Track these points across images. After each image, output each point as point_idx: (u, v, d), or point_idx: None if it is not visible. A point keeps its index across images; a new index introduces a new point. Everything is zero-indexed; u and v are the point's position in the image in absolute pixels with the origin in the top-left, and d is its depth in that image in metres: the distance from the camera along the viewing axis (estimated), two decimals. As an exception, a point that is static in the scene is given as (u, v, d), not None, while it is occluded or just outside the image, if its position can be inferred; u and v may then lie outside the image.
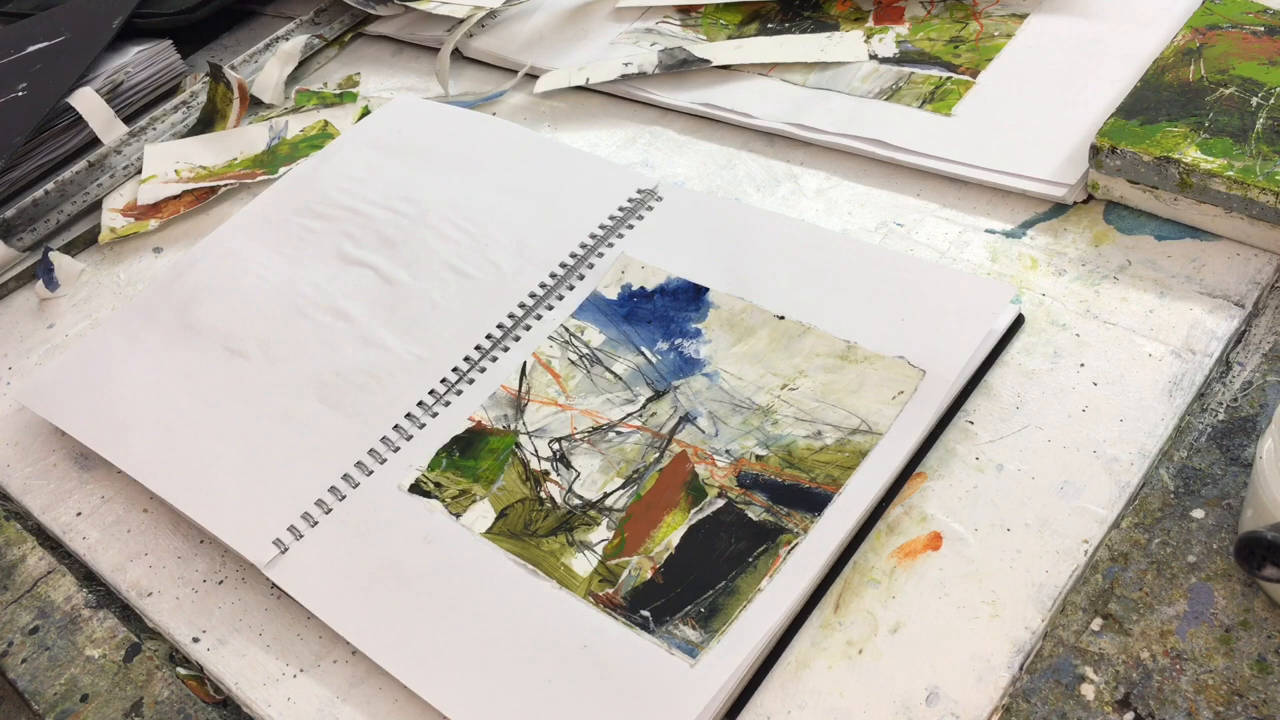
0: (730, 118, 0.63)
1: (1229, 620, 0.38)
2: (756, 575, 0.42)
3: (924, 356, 0.47)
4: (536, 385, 0.51)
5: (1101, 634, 0.39)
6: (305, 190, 0.65)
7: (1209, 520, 0.41)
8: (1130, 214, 0.52)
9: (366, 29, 0.82)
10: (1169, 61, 0.53)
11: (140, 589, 0.49)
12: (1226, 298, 0.47)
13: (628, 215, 0.58)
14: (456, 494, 0.48)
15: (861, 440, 0.45)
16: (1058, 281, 0.50)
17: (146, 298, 0.61)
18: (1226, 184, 0.47)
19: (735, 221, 0.56)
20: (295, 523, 0.48)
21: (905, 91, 0.60)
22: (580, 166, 0.62)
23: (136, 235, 0.69)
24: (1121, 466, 0.43)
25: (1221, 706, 0.36)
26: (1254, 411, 0.44)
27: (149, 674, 0.46)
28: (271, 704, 0.44)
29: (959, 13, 0.64)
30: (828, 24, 0.67)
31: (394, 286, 0.57)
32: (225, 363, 0.56)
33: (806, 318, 0.50)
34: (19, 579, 0.52)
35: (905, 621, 0.41)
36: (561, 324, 0.53)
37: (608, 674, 0.40)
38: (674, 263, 0.54)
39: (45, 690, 0.47)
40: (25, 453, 0.57)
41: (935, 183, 0.56)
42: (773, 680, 0.40)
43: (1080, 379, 0.46)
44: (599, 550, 0.44)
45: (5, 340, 0.65)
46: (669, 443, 0.47)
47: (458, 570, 0.45)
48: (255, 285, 0.60)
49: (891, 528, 0.43)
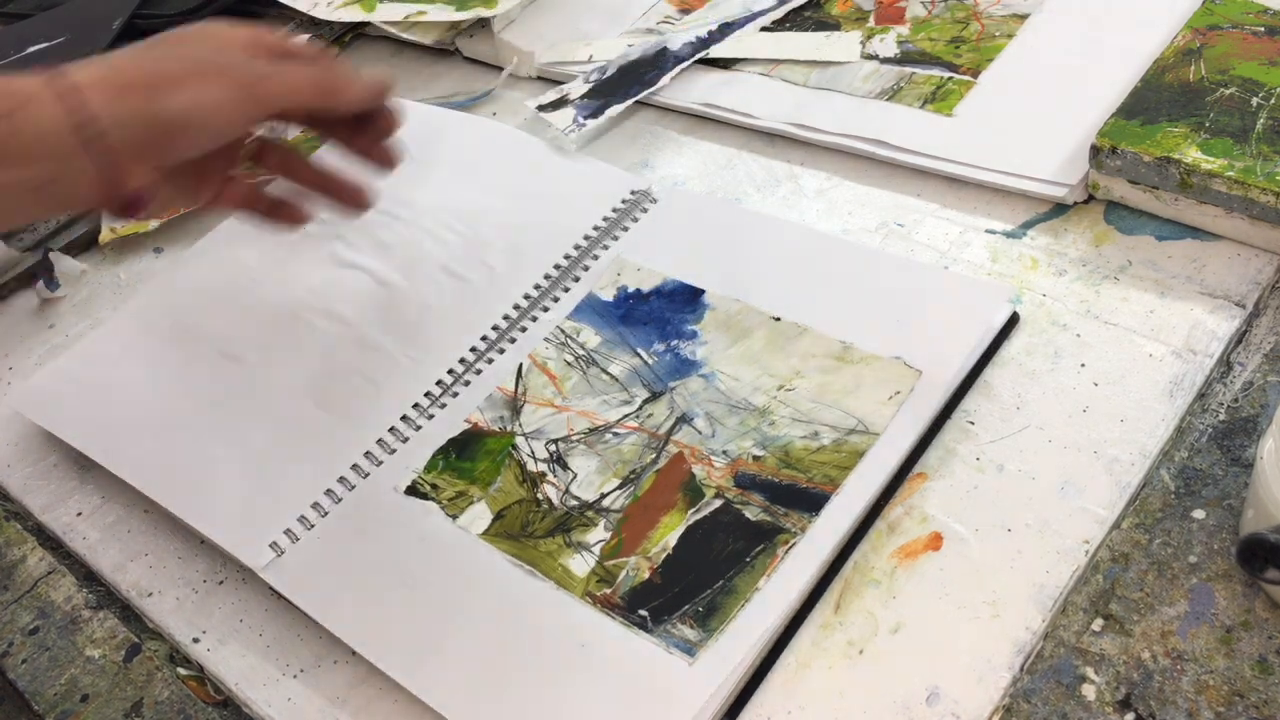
0: (731, 118, 0.63)
1: (1230, 621, 0.38)
2: (754, 575, 0.42)
3: (920, 357, 0.47)
4: (533, 387, 0.51)
5: (1102, 634, 0.39)
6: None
7: (1210, 521, 0.41)
8: (1131, 214, 0.52)
9: (366, 29, 0.82)
10: (1169, 62, 0.53)
11: (140, 589, 0.49)
12: (1227, 298, 0.47)
13: (623, 217, 0.58)
14: (453, 495, 0.48)
15: (858, 440, 0.45)
16: (1058, 282, 0.50)
17: (141, 302, 0.61)
18: (1227, 184, 0.47)
19: (731, 223, 0.56)
20: (292, 526, 0.48)
21: (906, 91, 0.60)
22: (575, 168, 0.62)
23: (137, 235, 0.69)
24: (1122, 467, 0.43)
25: (1222, 707, 0.36)
26: (1255, 412, 0.44)
27: (149, 674, 0.46)
28: (272, 704, 0.44)
29: (960, 13, 0.64)
30: (828, 24, 0.67)
31: (389, 289, 0.57)
32: (220, 366, 0.56)
33: (803, 319, 0.50)
34: (19, 579, 0.52)
35: (906, 622, 0.40)
36: (557, 325, 0.53)
37: (606, 673, 0.40)
38: (670, 264, 0.54)
39: (45, 690, 0.47)
40: (25, 453, 0.57)
41: (936, 183, 0.56)
42: (773, 680, 0.40)
43: (1081, 379, 0.46)
44: (596, 551, 0.44)
45: (6, 341, 0.65)
46: (666, 443, 0.47)
47: (455, 572, 0.45)
48: (250, 289, 0.60)
49: (892, 528, 0.43)
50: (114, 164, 0.41)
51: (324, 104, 0.48)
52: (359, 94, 0.49)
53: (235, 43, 0.46)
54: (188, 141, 0.44)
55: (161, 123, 0.42)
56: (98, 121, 0.41)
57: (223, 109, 0.44)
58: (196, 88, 0.43)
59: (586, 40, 0.71)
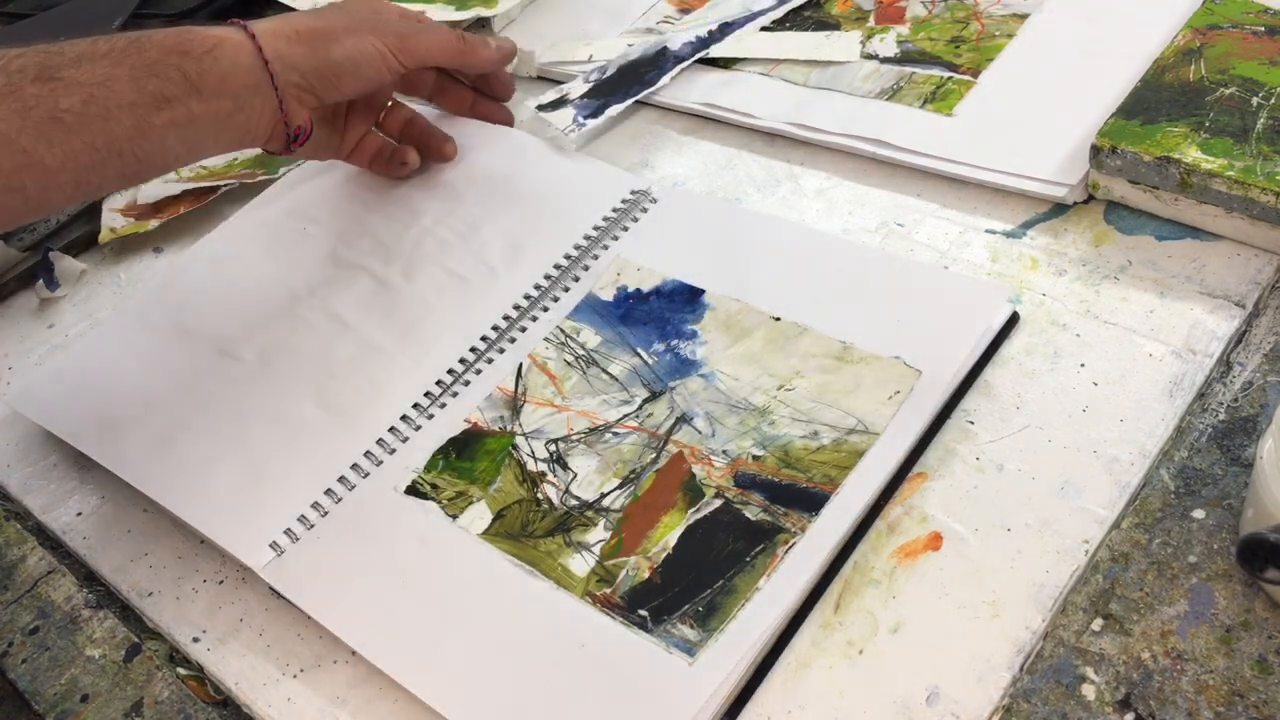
0: (731, 118, 0.63)
1: (1230, 620, 0.38)
2: (754, 574, 0.42)
3: (920, 356, 0.47)
4: (533, 386, 0.51)
5: (1102, 634, 0.39)
6: (301, 192, 0.65)
7: (1209, 520, 0.41)
8: (1131, 214, 0.52)
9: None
10: (1169, 61, 0.53)
11: (140, 589, 0.49)
12: (1227, 298, 0.47)
13: (623, 217, 0.58)
14: (453, 495, 0.48)
15: (858, 440, 0.45)
16: (1058, 281, 0.50)
17: (140, 301, 0.61)
18: (1227, 184, 0.47)
19: (730, 223, 0.56)
20: (292, 526, 0.48)
21: (906, 91, 0.60)
22: (575, 168, 0.61)
23: (137, 235, 0.69)
24: (1122, 466, 0.43)
25: (1222, 707, 0.36)
26: (1254, 412, 0.44)
27: (149, 674, 0.46)
28: (272, 704, 0.44)
29: (960, 12, 0.64)
30: (828, 24, 0.67)
31: (389, 289, 0.57)
32: (219, 366, 0.56)
33: (802, 319, 0.50)
34: (19, 579, 0.52)
35: (905, 621, 0.40)
36: (557, 325, 0.53)
37: (606, 673, 0.40)
38: (670, 264, 0.54)
39: (45, 690, 0.47)
40: (25, 453, 0.57)
41: (936, 183, 0.56)
42: (773, 680, 0.40)
43: (1081, 379, 0.46)
44: (596, 551, 0.44)
45: (6, 340, 0.65)
46: (666, 443, 0.47)
47: (455, 571, 0.45)
48: (250, 288, 0.60)
49: (892, 528, 0.43)
50: (285, 99, 0.50)
51: (461, 63, 0.58)
52: (491, 56, 0.60)
53: (389, 8, 0.56)
54: (347, 84, 0.53)
55: (328, 66, 0.52)
56: (279, 60, 0.50)
57: (376, 59, 0.53)
58: (356, 40, 0.52)
59: (586, 40, 0.71)
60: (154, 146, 0.47)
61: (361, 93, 0.55)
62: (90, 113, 0.45)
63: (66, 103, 0.44)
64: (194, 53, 0.48)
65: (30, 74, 0.44)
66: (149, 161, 0.48)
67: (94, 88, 0.45)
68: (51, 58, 0.45)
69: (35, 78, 0.44)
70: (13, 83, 0.44)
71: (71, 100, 0.45)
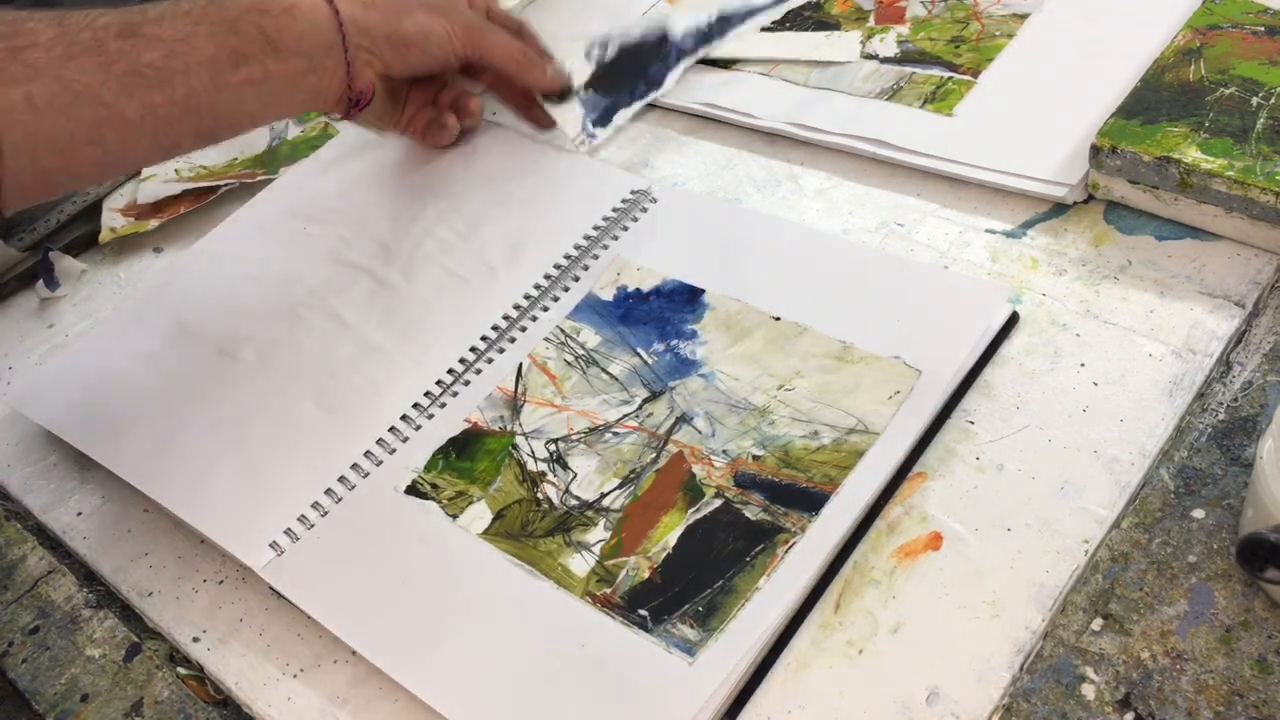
0: (731, 117, 0.63)
1: (1229, 620, 0.38)
2: (754, 574, 0.42)
3: (920, 356, 0.47)
4: (533, 386, 0.51)
5: (1102, 634, 0.39)
6: (301, 192, 0.65)
7: (1209, 520, 0.41)
8: (1130, 214, 0.52)
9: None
10: (1169, 61, 0.53)
11: (140, 589, 0.50)
12: (1227, 298, 0.47)
13: (622, 216, 0.58)
14: (453, 495, 0.48)
15: (858, 440, 0.45)
16: (1058, 281, 0.50)
17: (140, 301, 0.61)
18: (1227, 184, 0.47)
19: (730, 223, 0.56)
20: (292, 526, 0.48)
21: (906, 91, 0.60)
22: (575, 168, 0.62)
23: (137, 235, 0.69)
24: (1122, 466, 0.43)
25: (1222, 707, 0.36)
26: (1254, 411, 0.44)
27: (149, 674, 0.46)
28: (272, 704, 0.44)
29: (960, 12, 0.64)
30: (828, 24, 0.67)
31: (389, 289, 0.57)
32: (220, 365, 0.56)
33: (802, 319, 0.50)
34: (19, 579, 0.52)
35: (905, 621, 0.40)
36: (557, 325, 0.53)
37: (606, 673, 0.40)
38: (670, 264, 0.54)
39: (45, 690, 0.47)
40: (25, 453, 0.57)
41: (936, 183, 0.56)
42: (773, 680, 0.40)
43: (1080, 379, 0.46)
44: (596, 550, 0.44)
45: (6, 340, 0.65)
46: (666, 443, 0.47)
47: (455, 571, 0.45)
48: (250, 288, 0.60)
49: (892, 527, 0.43)
50: (354, 62, 0.53)
51: (514, 72, 0.60)
52: (542, 80, 0.62)
53: None
54: (414, 57, 0.56)
55: (399, 35, 0.54)
56: (353, 23, 0.52)
57: (444, 39, 0.56)
58: (427, 17, 0.55)
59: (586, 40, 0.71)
60: (230, 104, 0.49)
61: (425, 70, 0.58)
62: (170, 67, 0.46)
63: (148, 58, 0.46)
64: (273, 10, 0.49)
65: (114, 30, 0.46)
66: (225, 119, 0.50)
67: (175, 44, 0.47)
68: (134, 15, 0.47)
69: (119, 34, 0.46)
70: (97, 38, 0.45)
71: (153, 55, 0.46)
